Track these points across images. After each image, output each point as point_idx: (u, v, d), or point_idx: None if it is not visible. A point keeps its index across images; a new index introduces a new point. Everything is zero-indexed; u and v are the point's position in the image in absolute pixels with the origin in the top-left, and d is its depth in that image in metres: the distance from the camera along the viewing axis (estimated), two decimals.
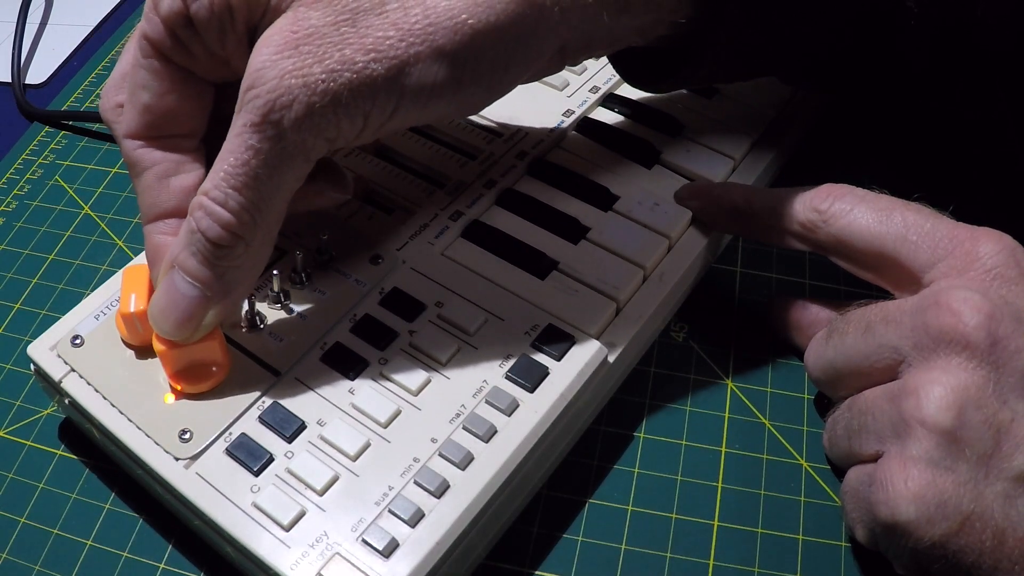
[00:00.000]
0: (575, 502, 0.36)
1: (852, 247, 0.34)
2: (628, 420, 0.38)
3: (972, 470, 0.28)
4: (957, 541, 0.28)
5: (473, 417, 0.33)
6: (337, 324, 0.35)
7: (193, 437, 0.32)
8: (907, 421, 0.29)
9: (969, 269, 0.31)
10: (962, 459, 0.28)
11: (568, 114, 0.44)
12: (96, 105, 0.53)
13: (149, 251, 0.33)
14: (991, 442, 0.28)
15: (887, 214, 0.33)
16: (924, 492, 0.28)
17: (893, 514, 0.28)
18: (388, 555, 0.30)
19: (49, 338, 0.35)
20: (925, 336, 0.30)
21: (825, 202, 0.34)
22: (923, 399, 0.29)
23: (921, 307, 0.30)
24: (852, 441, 0.32)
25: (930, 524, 0.28)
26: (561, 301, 0.36)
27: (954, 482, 0.28)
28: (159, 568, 0.34)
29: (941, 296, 0.30)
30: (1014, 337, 0.29)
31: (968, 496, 0.28)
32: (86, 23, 0.60)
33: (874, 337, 0.31)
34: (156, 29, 0.31)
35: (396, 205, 0.40)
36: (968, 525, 0.27)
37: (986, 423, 0.28)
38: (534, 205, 0.40)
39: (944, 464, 0.28)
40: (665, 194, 0.40)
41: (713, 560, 0.34)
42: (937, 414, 0.28)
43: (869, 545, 0.31)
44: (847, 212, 0.34)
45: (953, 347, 0.29)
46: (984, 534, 0.27)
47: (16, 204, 0.48)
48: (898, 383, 0.30)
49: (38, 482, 0.37)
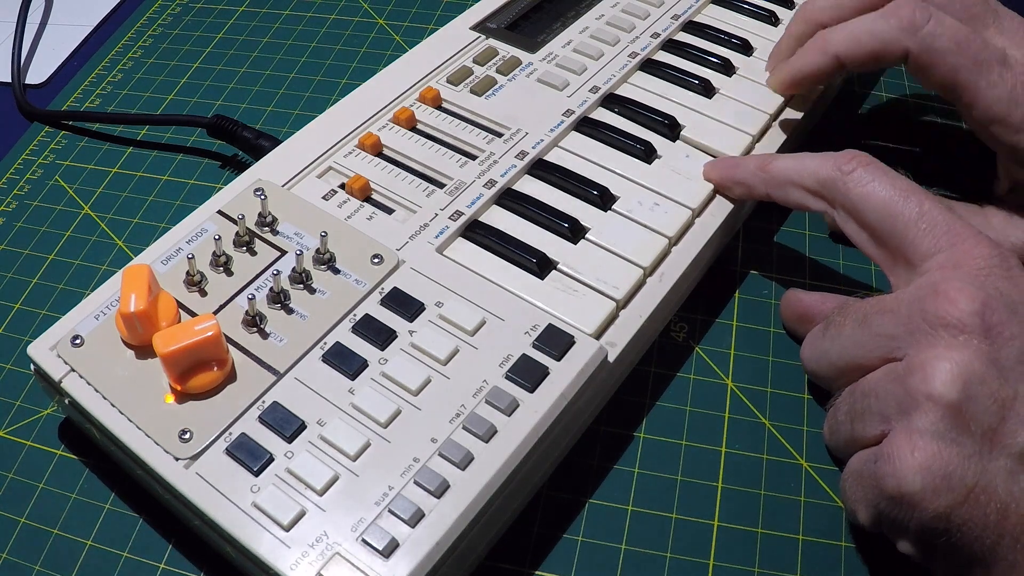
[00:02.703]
0: (575, 502, 0.36)
1: (863, 215, 0.34)
2: (628, 420, 0.38)
3: (977, 444, 0.28)
4: (961, 514, 0.28)
5: (473, 417, 0.33)
6: (337, 324, 0.36)
7: (193, 437, 0.32)
8: (913, 396, 0.29)
9: (964, 265, 0.32)
10: (967, 433, 0.28)
11: (568, 114, 0.44)
12: (96, 105, 0.53)
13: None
14: (996, 418, 0.28)
15: (906, 195, 0.34)
16: (930, 463, 0.28)
17: (900, 485, 0.29)
18: (388, 555, 0.30)
19: (49, 338, 0.35)
20: (922, 322, 0.30)
21: (851, 164, 0.35)
22: (929, 374, 0.29)
23: (918, 296, 0.31)
24: (855, 425, 0.32)
25: (936, 495, 0.28)
26: (561, 301, 0.36)
27: (959, 455, 0.28)
28: (159, 568, 0.34)
29: (939, 285, 0.30)
30: (1008, 324, 0.29)
31: (973, 469, 0.28)
32: (86, 23, 0.60)
33: (870, 327, 0.32)
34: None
35: (396, 205, 0.40)
36: (972, 498, 0.28)
37: (991, 398, 0.29)
38: (534, 205, 0.40)
39: (950, 437, 0.28)
40: (665, 193, 0.40)
41: (713, 560, 0.34)
42: (943, 388, 0.29)
43: (871, 527, 0.31)
44: (869, 180, 0.34)
45: (950, 331, 0.30)
46: (988, 508, 0.28)
47: (16, 204, 0.48)
48: (901, 363, 0.31)
49: (38, 482, 0.37)
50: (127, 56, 0.57)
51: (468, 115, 0.44)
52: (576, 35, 0.49)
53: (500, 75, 0.46)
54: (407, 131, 0.43)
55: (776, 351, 0.40)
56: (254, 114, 0.52)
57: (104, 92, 0.54)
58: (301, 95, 0.53)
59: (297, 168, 0.41)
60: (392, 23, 0.58)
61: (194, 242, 0.38)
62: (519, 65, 0.47)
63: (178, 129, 0.51)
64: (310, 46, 0.56)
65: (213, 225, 0.39)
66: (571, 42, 0.48)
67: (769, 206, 0.40)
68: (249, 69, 0.55)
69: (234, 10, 0.60)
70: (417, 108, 0.44)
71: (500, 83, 0.46)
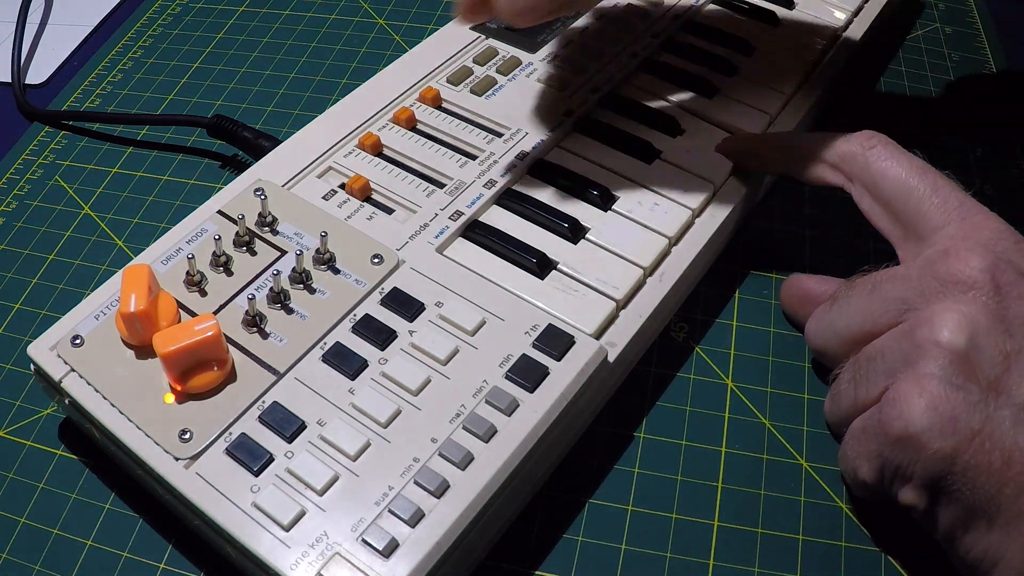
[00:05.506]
0: (575, 502, 0.36)
1: (880, 189, 0.36)
2: (628, 420, 0.38)
3: (983, 392, 0.29)
4: (965, 458, 0.28)
5: (473, 417, 0.33)
6: (337, 324, 0.36)
7: (193, 437, 0.32)
8: (921, 345, 0.30)
9: (973, 236, 0.33)
10: (973, 381, 0.29)
11: (568, 114, 0.44)
12: (96, 105, 0.53)
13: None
14: (1001, 367, 0.29)
15: (922, 171, 0.35)
16: (937, 404, 0.29)
17: (906, 426, 0.29)
18: (388, 555, 0.30)
19: (49, 338, 0.35)
20: (933, 281, 0.31)
21: (871, 140, 0.37)
22: (937, 323, 0.30)
23: (929, 260, 0.32)
24: (859, 389, 0.32)
25: (942, 435, 0.28)
26: (561, 301, 0.36)
27: (965, 400, 0.29)
28: (159, 568, 0.34)
29: (950, 248, 0.32)
30: (1016, 285, 0.30)
31: (978, 415, 0.28)
32: (86, 23, 0.60)
33: (880, 293, 0.33)
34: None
35: (396, 205, 0.40)
36: (977, 443, 0.28)
37: (997, 350, 0.29)
38: (534, 205, 0.40)
39: (956, 383, 0.29)
40: (665, 193, 0.40)
41: (713, 560, 0.34)
42: (951, 335, 0.29)
43: (873, 483, 0.31)
44: (887, 157, 0.36)
45: (960, 287, 0.30)
46: (992, 454, 0.28)
47: (16, 204, 0.48)
48: (908, 322, 0.31)
49: (38, 482, 0.37)
50: (127, 56, 0.57)
51: (468, 115, 0.44)
52: (576, 35, 0.49)
53: (500, 75, 0.46)
54: (407, 131, 0.44)
55: (776, 351, 0.40)
56: (254, 114, 0.52)
57: (104, 92, 0.54)
58: (301, 95, 0.53)
59: (297, 168, 0.41)
60: (392, 23, 0.58)
61: (194, 242, 0.38)
62: (519, 65, 0.47)
63: (178, 129, 0.51)
64: (310, 46, 0.56)
65: (213, 225, 0.39)
66: (571, 42, 0.48)
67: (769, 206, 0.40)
68: (249, 69, 0.55)
69: (234, 10, 0.60)
70: (417, 108, 0.44)
71: (500, 83, 0.46)
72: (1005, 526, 0.28)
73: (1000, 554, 0.29)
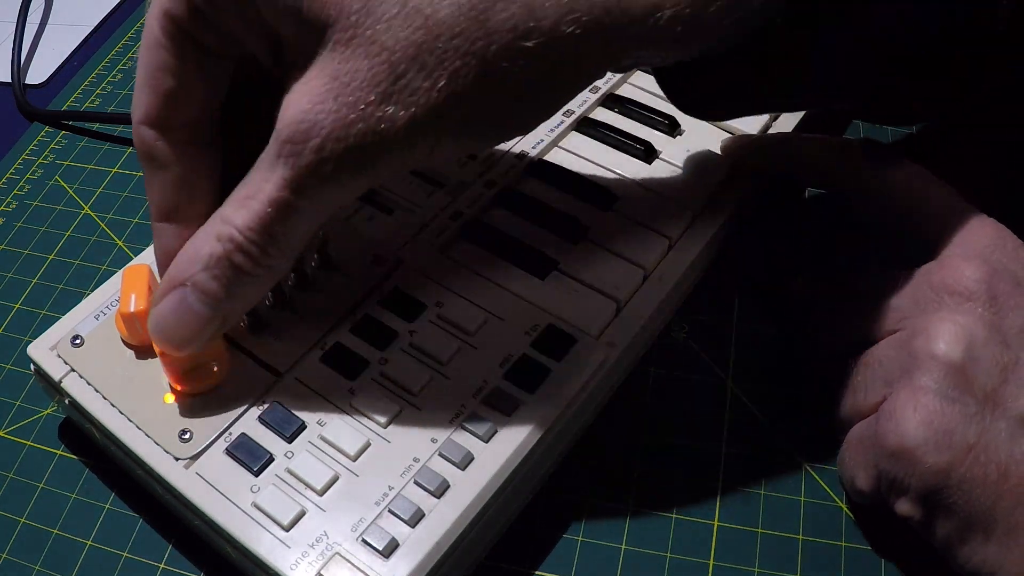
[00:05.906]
0: (575, 502, 0.35)
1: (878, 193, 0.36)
2: (628, 420, 0.38)
3: (979, 405, 0.29)
4: (961, 472, 0.28)
5: (473, 417, 0.33)
6: (337, 324, 0.35)
7: (193, 437, 0.32)
8: (917, 356, 0.30)
9: (969, 243, 0.32)
10: (969, 393, 0.29)
11: (568, 114, 0.44)
12: (96, 105, 0.53)
13: (159, 250, 0.33)
14: (998, 379, 0.29)
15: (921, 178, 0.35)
16: (932, 418, 0.29)
17: (902, 440, 0.29)
18: (388, 555, 0.30)
19: (49, 338, 0.35)
20: (928, 290, 0.31)
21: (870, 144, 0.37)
22: (933, 335, 0.30)
23: (924, 270, 0.32)
24: (857, 396, 0.32)
25: (937, 450, 0.28)
26: (561, 301, 0.36)
27: (962, 413, 0.29)
28: (159, 568, 0.34)
29: (945, 258, 0.32)
30: (1013, 295, 0.30)
31: (974, 428, 0.28)
32: (86, 23, 0.60)
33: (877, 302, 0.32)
34: (177, 4, 0.29)
35: (396, 205, 0.40)
36: (973, 456, 0.28)
37: (993, 362, 0.29)
38: (534, 205, 0.40)
39: (952, 396, 0.29)
40: (666, 193, 0.40)
41: (713, 560, 0.34)
42: (947, 348, 0.29)
43: (871, 492, 0.31)
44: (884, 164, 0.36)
45: (956, 298, 0.30)
46: (988, 467, 0.28)
47: (16, 204, 0.48)
48: (905, 331, 0.31)
49: (38, 482, 0.37)
50: (127, 56, 0.57)
51: None
52: None
53: None
54: None
55: (776, 351, 0.40)
56: None
57: (104, 92, 0.54)
58: None
59: None
60: None
61: None
62: None
63: None
64: None
65: None
66: None
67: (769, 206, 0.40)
68: None
69: None
70: None
71: None
72: (1002, 538, 0.28)
73: (998, 565, 0.29)
